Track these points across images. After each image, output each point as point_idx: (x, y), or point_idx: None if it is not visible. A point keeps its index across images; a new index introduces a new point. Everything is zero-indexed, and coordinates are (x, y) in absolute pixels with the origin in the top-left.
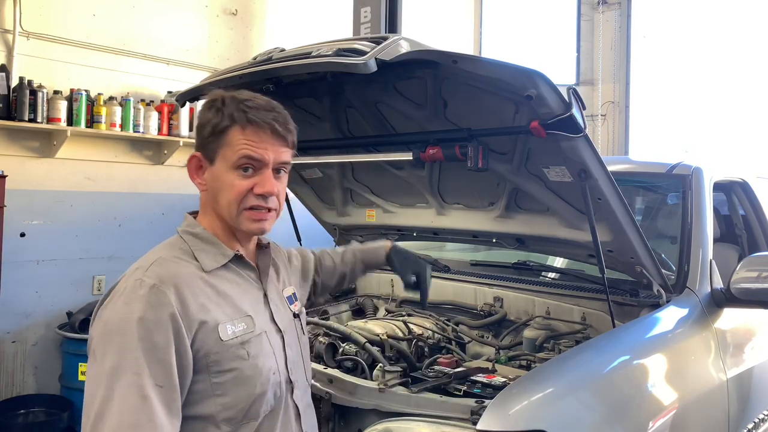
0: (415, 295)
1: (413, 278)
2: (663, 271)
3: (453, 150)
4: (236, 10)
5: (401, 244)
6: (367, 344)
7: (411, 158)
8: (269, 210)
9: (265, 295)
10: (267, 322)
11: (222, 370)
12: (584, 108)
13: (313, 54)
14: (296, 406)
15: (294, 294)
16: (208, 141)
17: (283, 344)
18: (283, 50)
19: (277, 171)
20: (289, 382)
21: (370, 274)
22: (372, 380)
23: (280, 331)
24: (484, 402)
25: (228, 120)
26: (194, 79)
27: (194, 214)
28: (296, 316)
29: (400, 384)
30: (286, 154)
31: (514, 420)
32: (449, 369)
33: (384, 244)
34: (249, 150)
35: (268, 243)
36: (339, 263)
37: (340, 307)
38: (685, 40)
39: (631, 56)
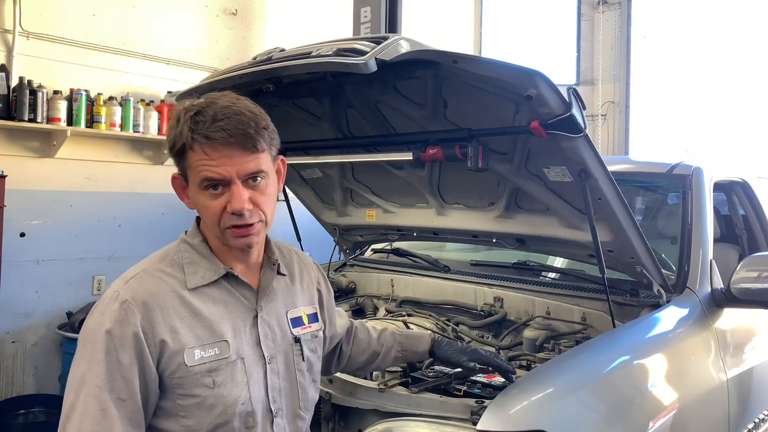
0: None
1: (475, 365)
2: (663, 271)
3: (453, 150)
4: (236, 10)
5: (400, 243)
6: None
7: (411, 158)
8: (250, 225)
9: (255, 317)
10: (248, 347)
11: (185, 394)
12: (584, 108)
13: (313, 54)
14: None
15: (309, 315)
16: (176, 162)
17: (264, 372)
18: (283, 50)
19: (252, 179)
20: (269, 411)
21: (370, 274)
22: (372, 380)
23: (264, 357)
24: (484, 402)
25: (181, 140)
26: (194, 79)
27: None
28: (297, 340)
29: (400, 384)
30: (254, 163)
31: (514, 420)
32: (449, 369)
33: (426, 333)
34: (207, 171)
35: (276, 260)
36: (375, 340)
37: (340, 307)
38: (685, 40)
39: (631, 56)
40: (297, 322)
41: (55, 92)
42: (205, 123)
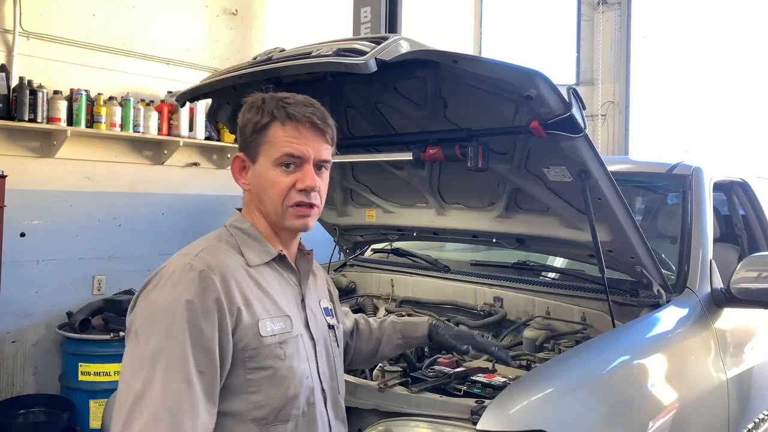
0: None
1: (468, 347)
2: (663, 271)
3: (453, 150)
4: (236, 10)
5: (400, 243)
6: None
7: (411, 158)
8: (311, 206)
9: (303, 300)
10: (302, 327)
11: (257, 366)
12: (584, 108)
13: (313, 54)
14: (328, 417)
15: (332, 309)
16: (250, 140)
17: (315, 352)
18: (283, 50)
19: (318, 168)
20: (322, 390)
21: (370, 274)
22: (372, 380)
23: (313, 338)
24: (484, 402)
25: (268, 116)
26: (194, 79)
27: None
28: (331, 327)
29: (400, 384)
30: (327, 152)
31: (514, 420)
32: (449, 369)
33: (424, 319)
34: (290, 146)
35: (311, 250)
36: (376, 329)
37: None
38: (685, 39)
39: (631, 56)
40: (327, 312)
41: (55, 92)
42: (297, 105)
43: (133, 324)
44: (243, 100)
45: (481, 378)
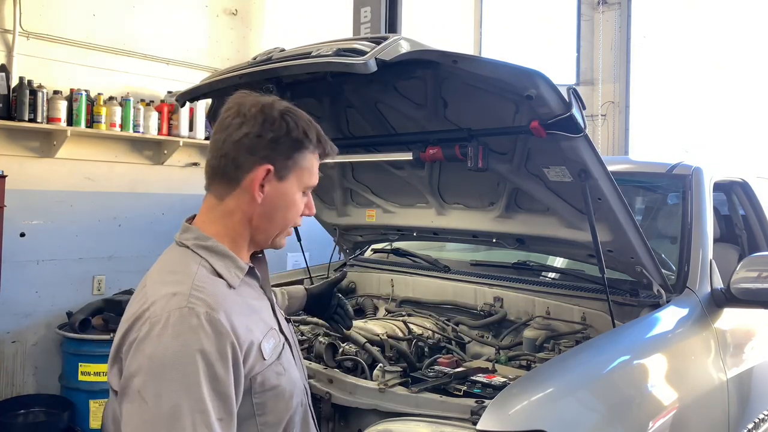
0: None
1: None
2: (663, 271)
3: (453, 150)
4: (236, 10)
5: (400, 243)
6: (367, 344)
7: (411, 158)
8: None
9: (272, 306)
10: (281, 333)
11: (264, 390)
12: (584, 108)
13: (313, 54)
14: (310, 410)
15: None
16: (285, 157)
17: (292, 353)
18: (283, 50)
19: None
20: (304, 387)
21: (370, 274)
22: (372, 380)
23: (288, 341)
24: (484, 402)
25: (309, 142)
26: (194, 79)
27: (189, 220)
28: (288, 320)
29: (400, 384)
30: None
31: (514, 420)
32: (449, 369)
33: (302, 287)
34: (317, 178)
35: (262, 250)
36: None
37: None
38: (685, 40)
39: (631, 56)
40: (278, 305)
41: (55, 92)
42: (327, 138)
43: (131, 381)
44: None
45: (481, 378)
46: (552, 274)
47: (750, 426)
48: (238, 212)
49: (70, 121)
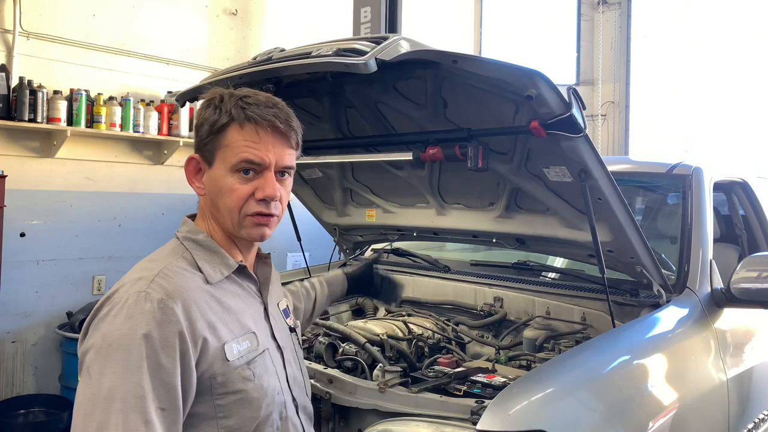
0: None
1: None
2: (663, 271)
3: (453, 150)
4: (236, 10)
5: (400, 243)
6: (367, 344)
7: (411, 158)
8: (271, 215)
9: (266, 309)
10: (268, 339)
11: (227, 392)
12: (584, 108)
13: (313, 54)
14: (301, 423)
15: (288, 308)
16: (206, 141)
17: (283, 361)
18: (283, 50)
19: (280, 174)
20: (293, 400)
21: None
22: (372, 380)
23: (280, 348)
24: (484, 402)
25: (226, 117)
26: (194, 79)
27: (192, 217)
28: (293, 330)
29: (400, 384)
30: (290, 157)
31: (514, 420)
32: (449, 369)
33: (339, 271)
34: (249, 152)
35: (269, 254)
36: (310, 288)
37: (339, 307)
38: (685, 40)
39: (631, 56)
40: (286, 313)
41: (55, 92)
42: (258, 106)
43: (85, 357)
44: (200, 97)
45: (481, 378)
46: (552, 274)
47: (750, 426)
48: (205, 208)
49: (70, 121)
